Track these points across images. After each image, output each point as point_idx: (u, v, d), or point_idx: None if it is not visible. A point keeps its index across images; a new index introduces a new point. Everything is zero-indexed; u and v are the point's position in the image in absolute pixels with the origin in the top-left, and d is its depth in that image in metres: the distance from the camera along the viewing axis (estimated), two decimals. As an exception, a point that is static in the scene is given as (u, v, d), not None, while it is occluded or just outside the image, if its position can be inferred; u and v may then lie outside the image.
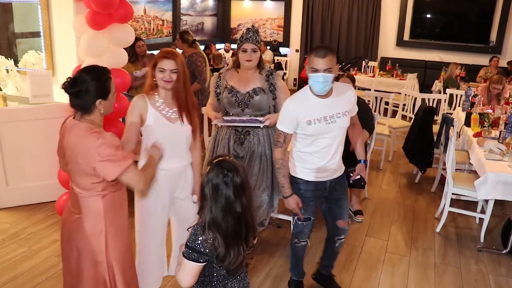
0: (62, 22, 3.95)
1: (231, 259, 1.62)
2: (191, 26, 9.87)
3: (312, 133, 2.43)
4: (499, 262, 3.44)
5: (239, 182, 1.62)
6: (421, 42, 9.44)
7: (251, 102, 2.96)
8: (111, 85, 1.95)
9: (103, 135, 1.86)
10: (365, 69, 8.61)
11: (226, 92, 3.00)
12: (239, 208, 1.62)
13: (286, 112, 2.45)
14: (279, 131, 2.48)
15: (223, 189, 1.60)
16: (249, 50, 2.88)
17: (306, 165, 2.53)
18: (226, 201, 1.60)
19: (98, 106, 1.91)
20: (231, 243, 1.62)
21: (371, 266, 3.32)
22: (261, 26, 10.80)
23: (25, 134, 3.88)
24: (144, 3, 8.30)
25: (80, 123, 1.91)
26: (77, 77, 1.88)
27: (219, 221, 1.60)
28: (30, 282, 2.96)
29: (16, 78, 4.26)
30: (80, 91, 1.86)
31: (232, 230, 1.62)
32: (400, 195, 4.59)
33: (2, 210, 3.93)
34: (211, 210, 1.61)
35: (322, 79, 2.28)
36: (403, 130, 5.64)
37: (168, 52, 2.34)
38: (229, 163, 1.64)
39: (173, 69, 2.29)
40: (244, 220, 1.65)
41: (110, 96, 1.95)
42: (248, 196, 1.66)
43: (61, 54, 4.08)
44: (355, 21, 9.69)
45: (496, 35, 8.82)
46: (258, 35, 2.93)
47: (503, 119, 4.25)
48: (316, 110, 2.40)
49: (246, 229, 1.67)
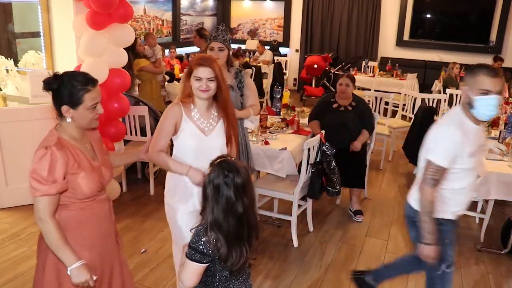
0: (62, 22, 3.95)
1: (233, 260, 1.61)
2: (191, 26, 9.87)
3: (470, 166, 2.11)
4: (499, 262, 3.44)
5: (240, 183, 1.61)
6: (421, 42, 9.44)
7: None
8: (86, 97, 1.77)
9: (49, 152, 1.71)
10: (365, 69, 8.61)
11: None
12: (240, 209, 1.61)
13: (451, 143, 2.05)
14: (437, 167, 2.06)
15: (224, 189, 1.59)
16: (216, 49, 2.88)
17: (452, 203, 2.18)
18: (227, 201, 1.59)
19: (64, 113, 1.78)
20: (233, 243, 1.62)
21: (371, 266, 3.31)
22: (261, 26, 10.80)
23: (25, 134, 3.88)
24: (144, 3, 8.30)
25: (52, 129, 1.84)
26: (58, 76, 1.79)
27: (220, 222, 1.59)
28: (30, 282, 2.94)
29: (16, 78, 4.26)
30: (52, 89, 1.78)
31: (234, 231, 1.61)
32: (400, 195, 4.59)
33: (2, 210, 3.93)
34: (213, 210, 1.60)
35: (495, 102, 2.00)
36: (403, 130, 5.64)
37: (204, 58, 2.17)
38: (230, 164, 1.64)
39: (210, 77, 2.12)
40: (247, 221, 1.64)
41: (80, 107, 1.78)
42: (250, 196, 1.65)
43: (61, 54, 4.08)
44: (355, 21, 9.68)
45: (496, 35, 8.82)
46: (226, 34, 2.94)
47: (503, 119, 4.25)
48: (475, 139, 2.09)
49: (248, 229, 1.66)
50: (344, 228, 3.89)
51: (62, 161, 1.73)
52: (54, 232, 1.72)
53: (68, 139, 1.82)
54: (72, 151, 1.80)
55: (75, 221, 1.84)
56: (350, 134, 3.94)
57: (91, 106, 1.80)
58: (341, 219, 4.05)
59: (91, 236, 1.89)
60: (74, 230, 1.83)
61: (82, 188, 1.80)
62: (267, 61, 9.01)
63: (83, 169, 1.81)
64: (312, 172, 3.48)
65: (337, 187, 3.53)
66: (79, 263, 1.74)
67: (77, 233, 1.84)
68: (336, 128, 3.85)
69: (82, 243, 1.85)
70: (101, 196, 1.94)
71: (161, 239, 3.56)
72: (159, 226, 3.77)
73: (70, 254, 1.74)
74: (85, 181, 1.80)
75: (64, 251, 1.73)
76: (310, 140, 3.38)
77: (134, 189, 4.47)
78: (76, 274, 1.74)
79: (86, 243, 1.87)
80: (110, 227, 2.02)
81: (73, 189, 1.79)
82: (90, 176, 1.82)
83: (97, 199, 1.90)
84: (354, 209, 4.09)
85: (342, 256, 3.43)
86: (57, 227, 1.73)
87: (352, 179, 4.00)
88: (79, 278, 1.74)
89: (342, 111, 4.00)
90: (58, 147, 1.74)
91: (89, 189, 1.82)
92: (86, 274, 1.74)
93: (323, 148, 3.48)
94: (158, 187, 4.51)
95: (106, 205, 1.98)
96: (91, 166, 1.85)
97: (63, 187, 1.74)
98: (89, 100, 1.79)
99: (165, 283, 2.99)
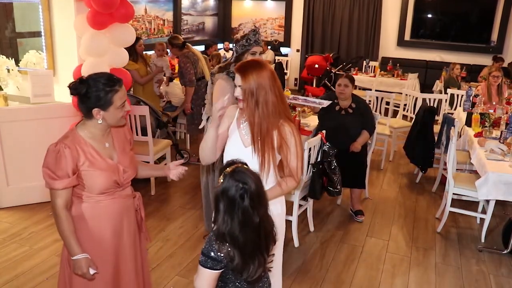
0: (63, 21, 3.96)
1: (250, 271, 1.56)
2: (191, 25, 9.87)
3: None
4: (500, 262, 3.43)
5: (254, 192, 1.53)
6: (422, 42, 9.43)
7: None
8: (115, 98, 1.84)
9: (57, 148, 1.80)
10: (366, 69, 8.61)
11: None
12: (257, 219, 1.54)
13: None
14: None
15: (239, 202, 1.52)
16: (257, 54, 2.87)
17: None
18: (243, 214, 1.53)
19: (95, 115, 1.84)
20: (250, 255, 1.55)
21: (371, 266, 3.31)
22: (262, 26, 10.79)
23: (26, 134, 3.88)
24: (145, 3, 8.30)
25: (72, 127, 1.91)
26: (84, 80, 1.83)
27: (236, 235, 1.53)
28: (31, 282, 2.96)
29: (17, 77, 4.26)
30: (80, 94, 1.82)
31: (251, 243, 1.55)
32: (401, 195, 4.59)
33: (3, 210, 3.93)
34: (227, 222, 1.53)
35: None
36: (404, 130, 5.63)
37: (239, 66, 1.97)
38: (242, 173, 1.56)
39: (240, 85, 1.94)
40: (264, 229, 1.58)
41: (111, 108, 1.85)
42: (264, 203, 1.59)
43: (62, 53, 4.08)
44: (356, 21, 9.68)
45: (497, 35, 8.81)
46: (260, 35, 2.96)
47: (504, 119, 4.24)
48: None
49: (265, 238, 1.60)
50: (345, 228, 3.88)
51: (70, 157, 1.81)
52: (62, 223, 1.84)
53: (85, 138, 1.89)
54: (85, 149, 1.87)
55: (89, 214, 1.93)
56: (350, 136, 3.94)
57: (120, 105, 1.88)
58: (341, 219, 4.05)
59: (105, 229, 1.97)
60: (88, 222, 1.92)
61: (93, 184, 1.88)
62: (268, 61, 8.97)
63: (95, 166, 1.88)
64: (313, 172, 3.47)
65: (338, 187, 3.52)
66: (80, 256, 1.85)
67: (91, 226, 1.93)
68: (336, 130, 3.85)
69: (94, 236, 1.94)
70: (120, 192, 2.00)
71: (162, 239, 3.56)
72: (159, 225, 3.77)
73: (75, 245, 1.85)
74: (96, 178, 1.88)
75: (69, 242, 1.85)
76: (311, 140, 3.38)
77: (135, 189, 4.43)
78: (77, 265, 1.86)
79: (99, 236, 1.96)
80: (130, 222, 2.07)
81: (85, 184, 1.88)
82: (103, 174, 1.89)
83: (114, 194, 1.97)
84: (355, 209, 4.09)
85: (342, 256, 3.43)
86: (66, 218, 1.84)
87: (353, 179, 4.00)
88: (78, 269, 1.86)
89: (343, 114, 4.00)
90: (68, 144, 1.82)
91: (101, 185, 1.90)
92: (83, 267, 1.85)
93: (324, 148, 3.48)
94: (159, 186, 4.52)
95: (128, 201, 2.05)
96: (106, 164, 1.92)
97: (71, 182, 1.83)
98: (118, 100, 1.87)
99: (166, 283, 2.99)
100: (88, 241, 1.91)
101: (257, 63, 1.97)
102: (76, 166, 1.83)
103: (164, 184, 4.65)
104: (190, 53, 5.07)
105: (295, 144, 1.99)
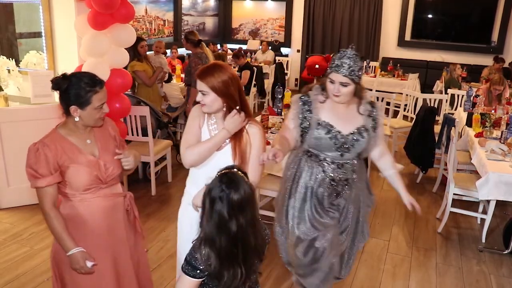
0: (63, 22, 3.96)
1: (225, 279, 1.52)
2: (192, 26, 9.87)
3: None
4: (501, 263, 3.43)
5: (236, 200, 1.48)
6: (423, 42, 9.43)
7: (354, 145, 2.27)
8: (94, 98, 1.85)
9: (35, 147, 1.84)
10: (366, 70, 8.60)
11: (320, 130, 2.24)
12: (234, 228, 1.48)
13: None
14: None
15: (217, 204, 1.49)
16: (337, 83, 2.15)
17: None
18: (219, 218, 1.49)
19: (72, 112, 1.86)
20: (225, 263, 1.51)
21: (372, 267, 3.31)
22: (262, 26, 10.80)
23: (26, 134, 3.87)
24: (146, 3, 8.30)
25: (52, 129, 1.94)
26: (67, 76, 1.86)
27: (213, 237, 1.50)
28: (31, 282, 2.96)
29: (18, 78, 4.26)
30: (60, 89, 1.85)
31: (225, 250, 1.50)
32: (402, 196, 4.58)
33: (4, 210, 3.94)
34: (207, 222, 1.52)
35: None
36: (405, 130, 5.63)
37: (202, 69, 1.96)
38: (231, 177, 1.52)
39: (201, 91, 1.94)
40: (242, 242, 1.50)
41: (88, 108, 1.86)
42: (249, 216, 1.51)
43: (62, 54, 4.08)
44: (357, 21, 9.68)
45: (497, 35, 8.80)
46: (355, 62, 2.13)
47: (505, 120, 4.24)
48: None
49: (244, 251, 1.52)
50: (346, 228, 3.88)
51: (51, 155, 1.85)
52: (52, 220, 1.87)
53: (65, 135, 1.92)
54: (64, 146, 1.90)
55: (74, 212, 1.94)
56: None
57: (98, 107, 1.89)
58: (342, 220, 4.05)
59: (91, 228, 1.97)
60: (75, 220, 1.94)
61: (75, 180, 1.90)
62: (268, 61, 9.01)
63: (75, 162, 1.90)
64: (314, 172, 3.46)
65: (339, 187, 3.52)
66: (75, 250, 1.87)
67: (78, 224, 1.94)
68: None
69: (81, 234, 1.94)
70: (105, 190, 1.99)
71: (162, 239, 3.56)
72: (160, 226, 3.77)
73: (68, 241, 1.88)
74: (77, 173, 1.90)
75: (62, 238, 1.88)
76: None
77: (136, 189, 4.47)
78: (73, 260, 1.88)
79: (85, 234, 1.96)
80: (119, 221, 2.06)
81: (68, 181, 1.90)
82: (83, 169, 1.90)
83: (99, 192, 1.96)
84: (355, 209, 4.09)
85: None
86: (55, 216, 1.88)
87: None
88: (75, 264, 1.88)
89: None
90: (46, 143, 1.86)
91: (82, 181, 1.91)
92: (80, 261, 1.88)
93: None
94: (160, 187, 4.52)
95: (115, 199, 2.04)
96: (86, 159, 1.93)
97: (54, 179, 1.86)
98: (97, 101, 1.88)
99: (166, 283, 2.99)
100: (77, 240, 1.92)
101: (216, 65, 1.96)
102: (57, 163, 1.86)
103: (165, 185, 4.65)
104: (204, 54, 4.98)
105: (260, 147, 2.00)
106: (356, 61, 2.13)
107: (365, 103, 2.29)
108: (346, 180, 2.32)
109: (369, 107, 2.29)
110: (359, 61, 2.16)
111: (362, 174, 2.45)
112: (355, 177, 2.35)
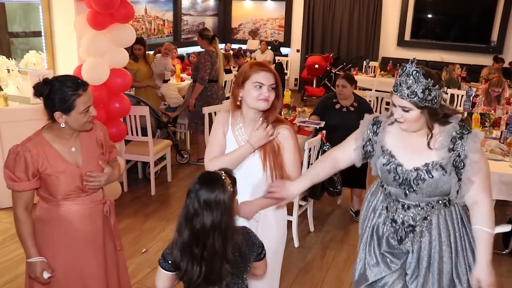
0: (63, 22, 3.96)
1: (183, 270, 1.50)
2: (192, 26, 9.88)
3: None
4: (500, 263, 3.43)
5: (204, 199, 1.46)
6: (422, 42, 9.43)
7: (420, 185, 1.77)
8: (78, 102, 1.77)
9: (16, 151, 1.80)
10: (366, 69, 8.61)
11: (382, 159, 1.86)
12: (197, 224, 1.46)
13: None
14: None
15: (188, 198, 1.49)
16: (397, 107, 1.72)
17: None
18: (186, 211, 1.49)
19: (57, 118, 1.79)
20: (184, 254, 1.50)
21: (372, 267, 3.31)
22: (262, 26, 10.80)
23: (26, 134, 3.79)
24: (145, 3, 8.30)
25: (37, 132, 1.89)
26: (48, 81, 1.77)
27: (181, 227, 1.50)
28: (31, 282, 2.96)
29: (17, 78, 4.26)
30: (42, 95, 1.78)
31: (186, 244, 1.49)
32: (401, 195, 4.58)
33: (3, 210, 3.93)
34: (181, 213, 1.53)
35: None
36: (404, 130, 5.62)
37: (262, 63, 1.91)
38: (210, 176, 1.51)
39: (272, 84, 1.85)
40: (204, 242, 1.47)
41: (73, 113, 1.78)
42: (216, 221, 1.46)
43: (62, 54, 4.08)
44: (356, 21, 9.68)
45: (497, 35, 8.81)
46: (419, 83, 1.68)
47: (505, 119, 4.24)
48: None
49: (206, 253, 1.48)
50: (345, 228, 3.88)
51: (31, 160, 1.79)
52: (20, 225, 1.86)
53: (50, 141, 1.85)
54: (47, 152, 1.83)
55: (50, 217, 1.91)
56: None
57: (83, 110, 1.81)
58: (342, 219, 4.05)
59: (66, 234, 1.92)
60: (50, 225, 1.91)
61: (54, 189, 1.85)
62: (267, 61, 9.01)
63: (55, 169, 1.83)
64: (313, 172, 3.45)
65: (338, 187, 3.52)
66: (35, 258, 1.85)
67: (52, 229, 1.91)
68: (337, 128, 3.83)
69: (54, 240, 1.91)
70: (85, 198, 1.93)
71: (162, 239, 3.56)
72: (160, 226, 3.77)
73: (31, 247, 1.85)
74: (57, 182, 1.84)
75: (26, 244, 1.86)
76: (311, 140, 3.38)
77: (135, 189, 4.47)
78: (31, 267, 1.86)
79: (59, 240, 1.92)
80: (95, 228, 2.00)
81: (46, 188, 1.86)
82: (64, 179, 1.84)
83: (78, 200, 1.91)
84: (355, 209, 4.09)
85: (343, 256, 3.43)
86: (25, 220, 1.86)
87: (353, 179, 3.99)
88: (31, 272, 1.86)
89: (344, 111, 4.00)
90: (29, 148, 1.80)
91: (62, 190, 1.85)
92: (37, 271, 1.84)
93: (324, 148, 3.48)
94: (159, 187, 4.52)
95: (94, 207, 1.98)
96: (69, 169, 1.86)
97: (30, 185, 1.81)
98: (81, 105, 1.80)
99: (166, 283, 2.99)
100: (49, 244, 1.89)
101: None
102: (36, 169, 1.81)
103: (165, 185, 4.65)
104: (214, 53, 4.92)
105: (293, 147, 1.99)
106: (419, 80, 1.66)
107: (445, 133, 1.72)
108: (411, 227, 1.84)
109: (450, 138, 1.70)
110: (425, 79, 1.67)
111: (448, 230, 1.84)
112: (430, 227, 1.83)
